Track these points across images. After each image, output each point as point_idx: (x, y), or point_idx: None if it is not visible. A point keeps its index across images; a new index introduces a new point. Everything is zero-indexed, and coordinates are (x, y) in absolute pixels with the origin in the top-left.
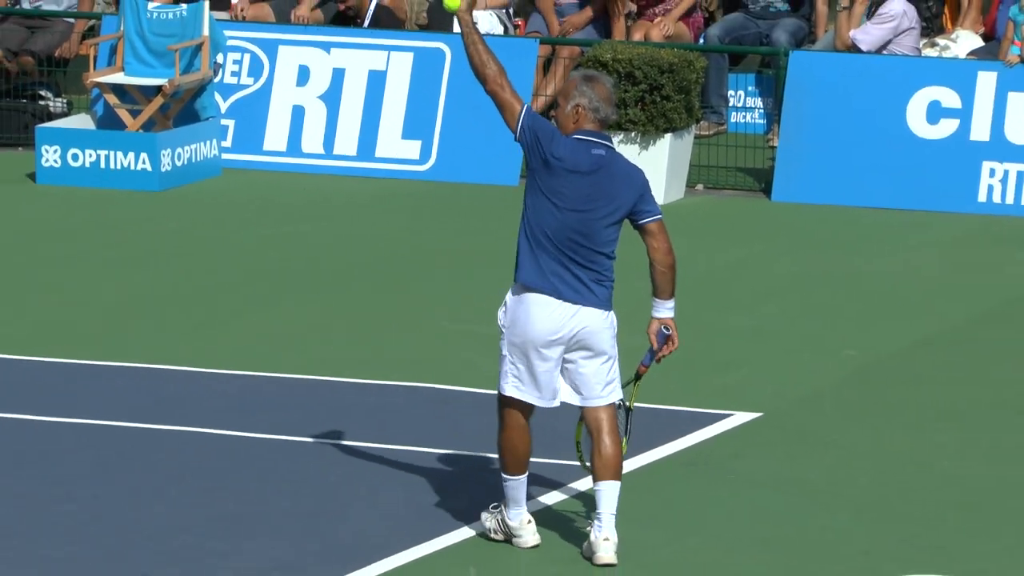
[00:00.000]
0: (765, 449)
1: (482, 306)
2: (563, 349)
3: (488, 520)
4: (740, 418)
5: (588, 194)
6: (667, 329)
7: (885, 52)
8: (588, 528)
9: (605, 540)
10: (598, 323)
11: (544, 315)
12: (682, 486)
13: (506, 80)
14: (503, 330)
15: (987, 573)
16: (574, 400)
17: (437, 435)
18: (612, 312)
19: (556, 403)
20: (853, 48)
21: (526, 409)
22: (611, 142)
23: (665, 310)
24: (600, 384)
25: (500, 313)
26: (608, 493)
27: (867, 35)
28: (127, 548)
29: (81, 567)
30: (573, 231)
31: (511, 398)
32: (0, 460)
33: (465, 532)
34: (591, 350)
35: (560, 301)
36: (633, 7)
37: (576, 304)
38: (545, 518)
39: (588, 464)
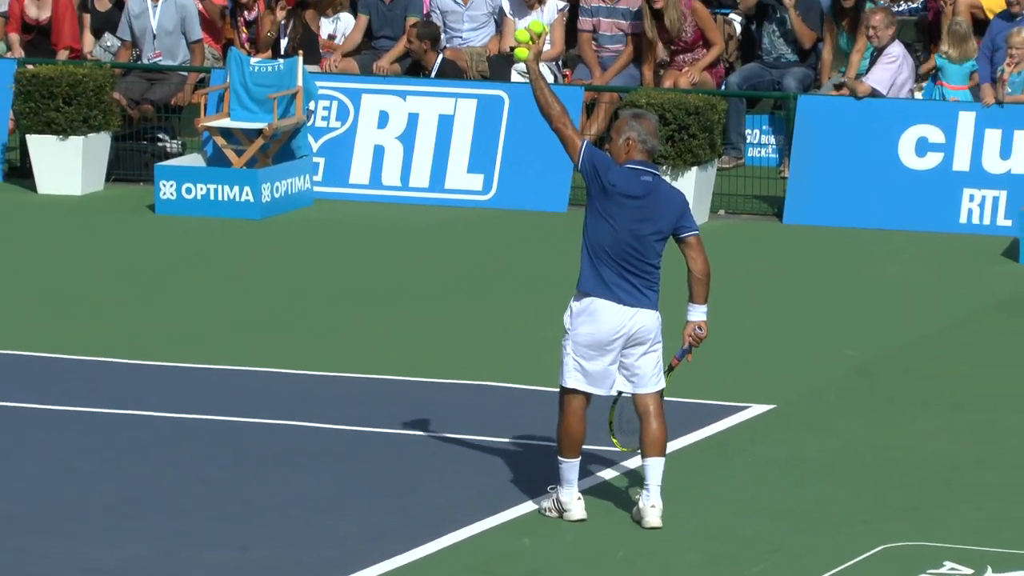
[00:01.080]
0: (777, 435)
1: (541, 314)
2: (623, 344)
3: (544, 499)
4: (756, 409)
5: (639, 215)
6: (700, 329)
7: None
8: (637, 497)
9: (652, 507)
10: (651, 322)
11: (607, 317)
12: (707, 467)
13: (568, 119)
14: (568, 331)
15: (970, 539)
16: (627, 388)
17: (502, 426)
18: (659, 312)
19: (613, 392)
20: (874, 93)
21: (584, 400)
22: (657, 170)
23: (699, 313)
24: (650, 375)
25: (566, 317)
26: (655, 467)
27: (880, 80)
28: (238, 523)
29: (195, 539)
30: (627, 245)
31: (573, 390)
32: (141, 449)
33: (523, 509)
34: (645, 344)
35: (620, 305)
36: (666, 58)
37: (634, 307)
38: (591, 498)
39: (617, 441)
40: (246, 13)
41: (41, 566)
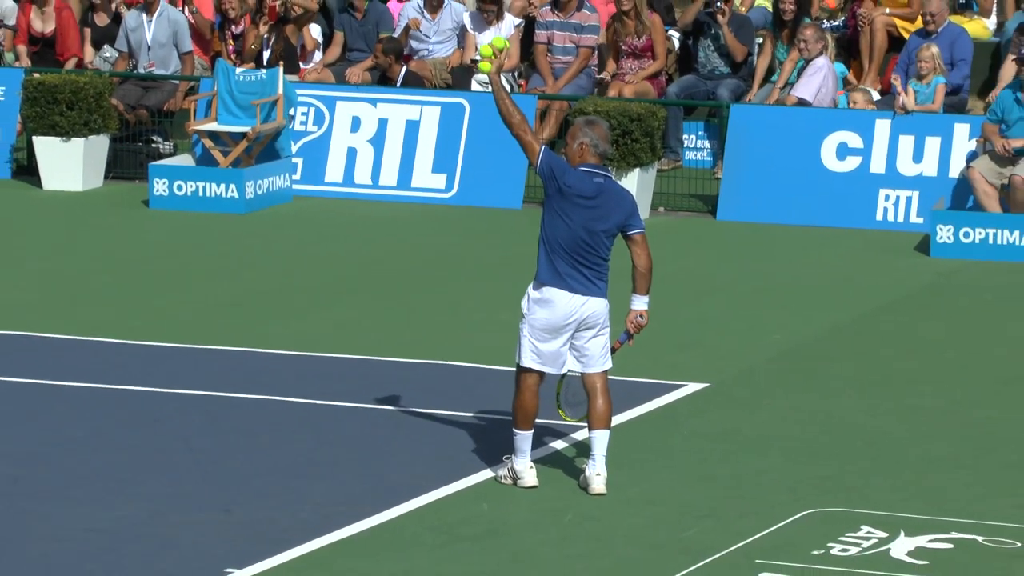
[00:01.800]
0: (712, 411)
1: (497, 299)
2: (574, 328)
3: (500, 468)
4: (692, 387)
5: (592, 214)
6: (641, 318)
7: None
8: (584, 467)
9: (597, 475)
10: (600, 308)
11: (561, 304)
12: (648, 439)
13: (527, 126)
14: (525, 315)
15: (885, 506)
16: (577, 367)
17: (462, 402)
18: (607, 300)
19: (564, 371)
20: (801, 103)
21: (538, 378)
22: (609, 173)
23: (642, 303)
24: (598, 356)
25: (523, 303)
26: (600, 439)
27: (807, 90)
28: (222, 488)
29: (183, 501)
30: (581, 240)
31: (529, 368)
32: (134, 421)
33: (481, 476)
34: (594, 328)
35: (573, 294)
36: (607, 76)
37: (585, 296)
38: (542, 467)
39: (563, 412)
40: (233, 27)
41: (44, 526)
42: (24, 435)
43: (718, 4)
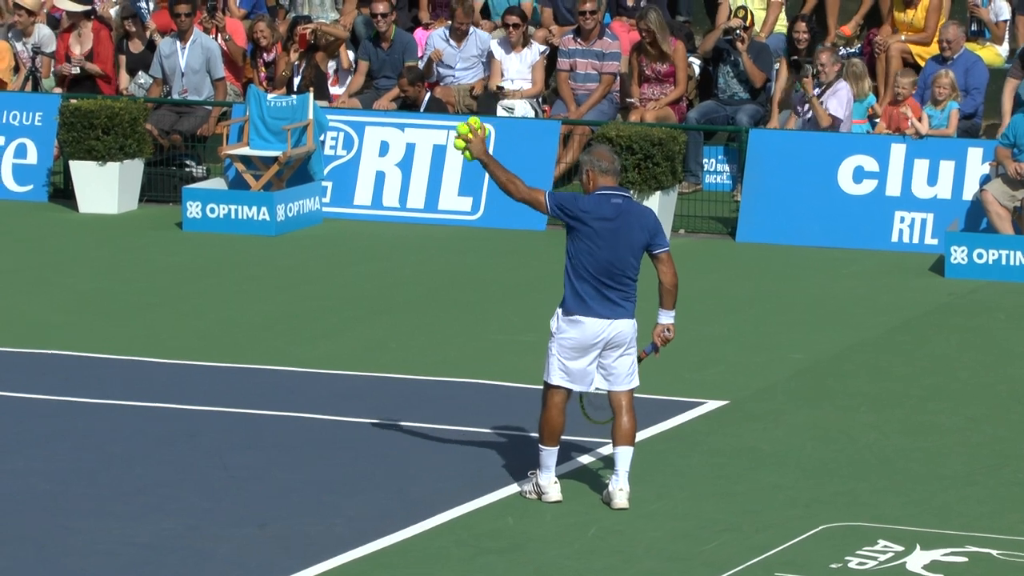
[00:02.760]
0: (730, 428)
1: (522, 319)
2: (602, 347)
3: (525, 483)
4: (711, 405)
5: (614, 235)
6: (668, 331)
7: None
8: (607, 482)
9: (620, 490)
10: (628, 329)
11: (590, 326)
12: (668, 456)
13: (524, 186)
14: (554, 334)
15: (901, 520)
16: (604, 385)
17: (488, 419)
18: (635, 319)
19: (591, 389)
20: (835, 121)
21: (565, 395)
22: (628, 193)
23: (668, 317)
24: (625, 374)
25: (552, 321)
26: (624, 455)
27: (837, 109)
28: (257, 503)
29: (219, 516)
30: (607, 263)
31: (557, 386)
32: (171, 438)
33: (507, 491)
34: (621, 347)
35: (599, 319)
36: (636, 102)
37: (611, 319)
38: (566, 482)
39: (587, 414)
40: (265, 55)
41: (83, 541)
42: (63, 452)
43: (737, 32)
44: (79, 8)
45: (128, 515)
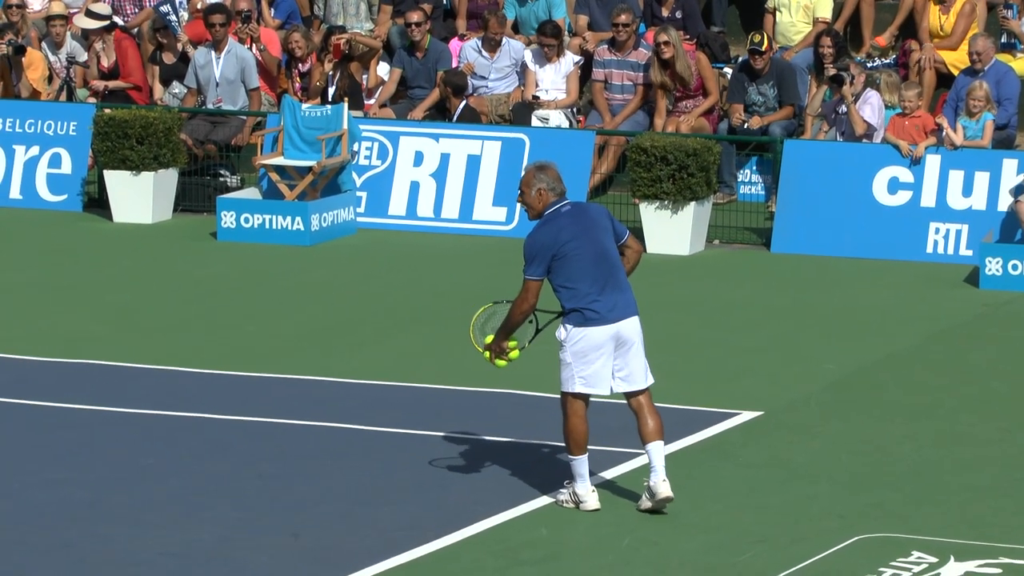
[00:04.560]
0: (764, 439)
1: (555, 329)
2: (613, 345)
3: (561, 493)
4: (745, 416)
5: (584, 228)
6: None
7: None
8: (646, 480)
9: (663, 480)
10: (634, 324)
11: (598, 335)
12: (702, 467)
13: (517, 308)
14: (563, 343)
15: (934, 532)
16: (623, 388)
17: (522, 429)
18: (638, 314)
19: (609, 392)
20: (869, 128)
21: (585, 403)
22: (568, 200)
23: None
24: (640, 372)
25: (558, 332)
26: (657, 450)
27: (871, 117)
28: (290, 513)
29: (252, 526)
30: (599, 259)
31: (578, 394)
32: (204, 448)
33: (542, 502)
34: (631, 345)
35: (607, 325)
36: (669, 106)
37: (617, 322)
38: (599, 492)
39: (477, 344)
40: (300, 65)
41: (118, 550)
42: (99, 462)
43: (744, 125)
44: (96, 25)
45: (162, 525)
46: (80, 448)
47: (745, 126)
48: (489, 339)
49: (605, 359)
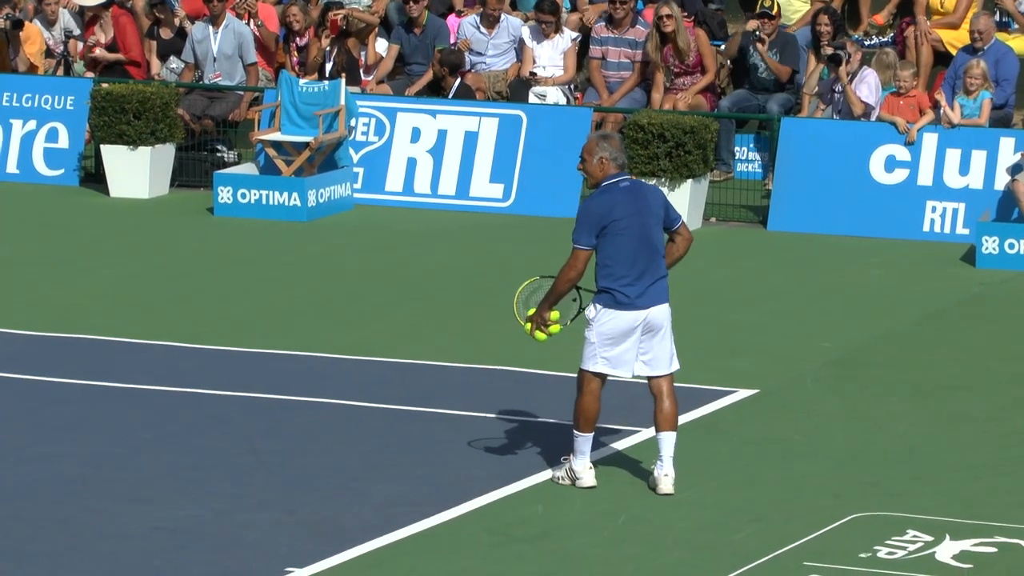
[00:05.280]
0: (760, 416)
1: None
2: (641, 331)
3: (558, 470)
4: (741, 394)
5: (639, 215)
6: None
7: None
8: (651, 467)
9: (665, 475)
10: (664, 312)
11: (626, 317)
12: (698, 444)
13: (570, 270)
14: (591, 322)
15: (930, 510)
16: (645, 372)
17: (518, 406)
18: (669, 303)
19: (630, 375)
20: (866, 108)
21: (602, 382)
22: (629, 176)
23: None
24: (665, 359)
25: (589, 311)
26: (667, 440)
27: (868, 97)
28: (286, 489)
29: (248, 502)
30: (642, 244)
31: (597, 372)
32: (200, 423)
33: (537, 479)
34: (659, 332)
35: (637, 311)
36: (666, 83)
37: (648, 308)
38: (596, 470)
39: (521, 321)
40: (297, 39)
41: (115, 525)
42: (94, 437)
43: (757, 33)
44: (94, 2)
45: (158, 500)
46: (75, 423)
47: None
48: (532, 312)
49: (631, 343)
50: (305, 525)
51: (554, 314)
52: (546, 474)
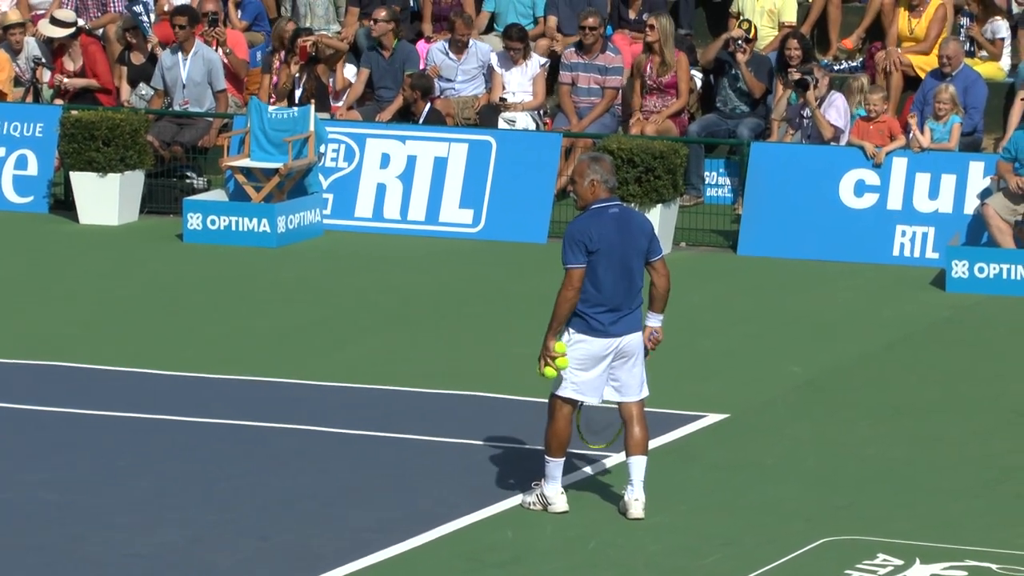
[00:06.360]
0: (731, 441)
1: (523, 332)
2: (612, 358)
3: (529, 495)
4: (712, 418)
5: (622, 239)
6: (657, 333)
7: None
8: (622, 492)
9: (636, 500)
10: (636, 339)
11: (599, 343)
12: (668, 469)
13: (564, 301)
14: (568, 347)
15: (901, 534)
16: (615, 397)
17: (490, 432)
18: (641, 330)
19: (599, 401)
20: (836, 132)
21: (573, 407)
22: (620, 202)
23: (657, 320)
24: (636, 385)
25: (565, 336)
26: (638, 465)
27: (837, 120)
28: (260, 515)
29: (222, 528)
30: (622, 275)
31: (567, 398)
32: (174, 450)
33: (508, 504)
34: (631, 358)
35: (611, 338)
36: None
37: (620, 336)
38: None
39: (587, 441)
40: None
41: (89, 552)
42: (69, 463)
43: (739, 43)
44: (62, 33)
45: (132, 527)
46: (50, 450)
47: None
48: (560, 346)
49: (602, 369)
50: (280, 551)
51: (559, 346)
52: (518, 499)
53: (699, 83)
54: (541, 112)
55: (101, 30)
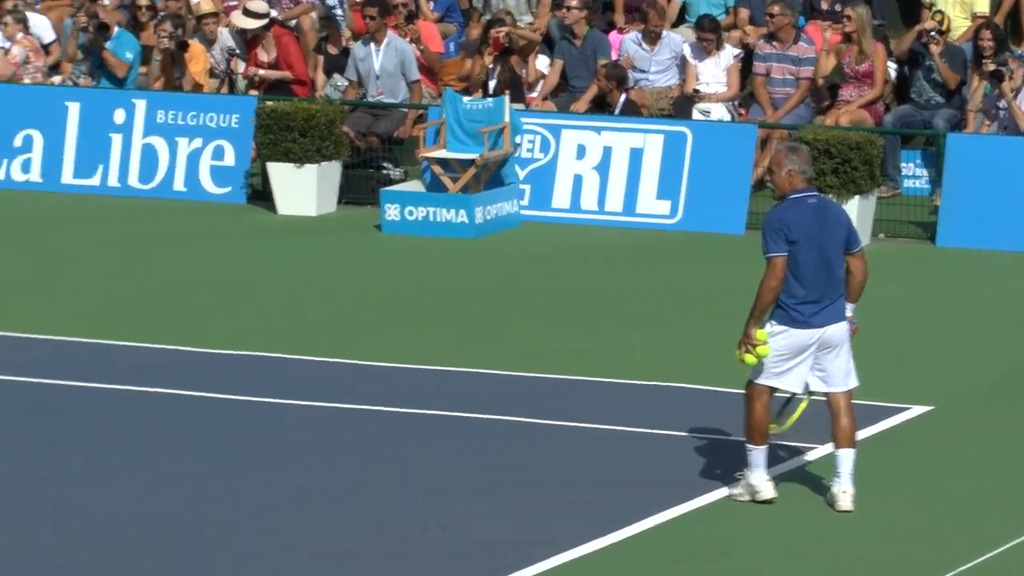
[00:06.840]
0: (935, 432)
1: (718, 323)
2: (816, 349)
3: (734, 487)
4: (916, 410)
5: (820, 229)
6: (853, 322)
7: None
8: (830, 484)
9: (844, 492)
10: (841, 330)
11: (802, 334)
12: (874, 461)
13: (766, 289)
14: (769, 338)
15: None
16: (821, 388)
17: (692, 423)
18: (847, 320)
19: (801, 390)
20: None
21: (770, 394)
22: (817, 192)
23: (851, 311)
24: (842, 375)
25: (767, 326)
26: (846, 457)
27: None
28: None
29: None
30: (820, 265)
31: (767, 386)
32: (252, 439)
33: (714, 496)
34: (835, 348)
35: (813, 329)
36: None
37: (822, 327)
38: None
39: (777, 427)
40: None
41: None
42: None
43: (932, 34)
44: (255, 24)
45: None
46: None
47: None
48: (761, 334)
49: (804, 360)
50: (473, 542)
51: (761, 334)
52: (725, 491)
53: (893, 74)
54: (735, 103)
55: (294, 21)
